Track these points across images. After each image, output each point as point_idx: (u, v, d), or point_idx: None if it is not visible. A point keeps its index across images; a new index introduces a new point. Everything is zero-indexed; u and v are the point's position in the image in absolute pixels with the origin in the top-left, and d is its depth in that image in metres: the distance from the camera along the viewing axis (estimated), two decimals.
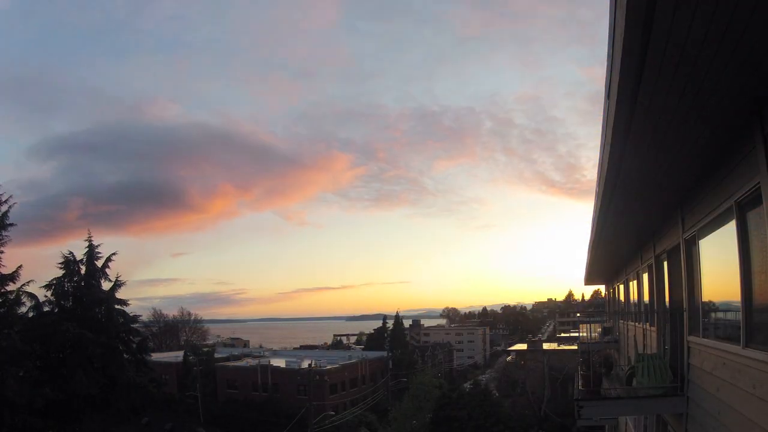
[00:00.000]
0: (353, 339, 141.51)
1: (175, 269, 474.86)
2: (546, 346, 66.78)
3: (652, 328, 10.25)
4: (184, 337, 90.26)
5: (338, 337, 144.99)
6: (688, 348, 7.32)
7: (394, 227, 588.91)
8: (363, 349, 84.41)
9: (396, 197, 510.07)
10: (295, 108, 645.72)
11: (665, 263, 9.22)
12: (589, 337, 16.94)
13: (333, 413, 47.54)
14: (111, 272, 34.52)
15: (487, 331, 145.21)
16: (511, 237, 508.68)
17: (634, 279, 13.91)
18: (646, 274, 11.41)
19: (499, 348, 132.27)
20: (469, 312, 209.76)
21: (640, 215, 8.77)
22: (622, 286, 17.29)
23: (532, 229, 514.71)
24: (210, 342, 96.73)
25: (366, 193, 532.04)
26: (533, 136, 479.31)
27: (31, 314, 30.64)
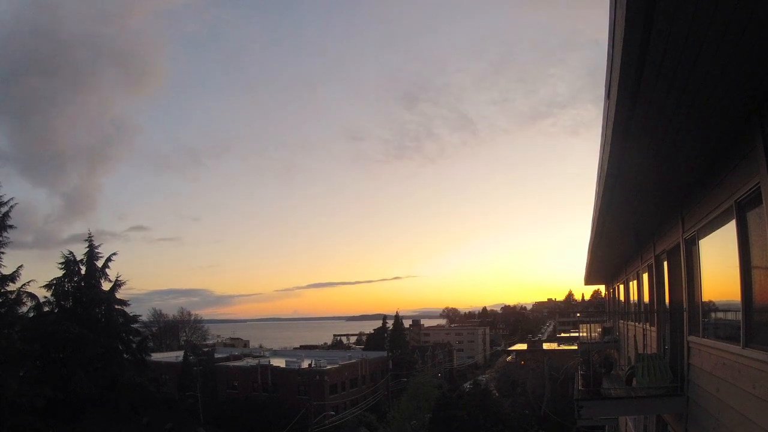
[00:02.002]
0: (353, 339, 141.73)
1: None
2: (546, 346, 67.01)
3: (652, 328, 10.24)
4: (184, 337, 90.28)
5: (338, 337, 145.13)
6: (688, 348, 7.31)
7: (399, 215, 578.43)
8: (363, 349, 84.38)
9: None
10: None
11: (665, 263, 9.21)
12: (589, 337, 16.93)
13: (333, 413, 47.68)
14: (111, 272, 34.72)
15: (487, 331, 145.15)
16: (511, 237, 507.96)
17: (634, 279, 13.91)
18: (646, 274, 11.41)
19: (499, 348, 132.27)
20: (469, 312, 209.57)
21: (640, 215, 8.77)
22: (622, 286, 17.29)
23: (532, 229, 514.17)
24: (210, 342, 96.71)
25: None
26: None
27: (31, 314, 30.68)
